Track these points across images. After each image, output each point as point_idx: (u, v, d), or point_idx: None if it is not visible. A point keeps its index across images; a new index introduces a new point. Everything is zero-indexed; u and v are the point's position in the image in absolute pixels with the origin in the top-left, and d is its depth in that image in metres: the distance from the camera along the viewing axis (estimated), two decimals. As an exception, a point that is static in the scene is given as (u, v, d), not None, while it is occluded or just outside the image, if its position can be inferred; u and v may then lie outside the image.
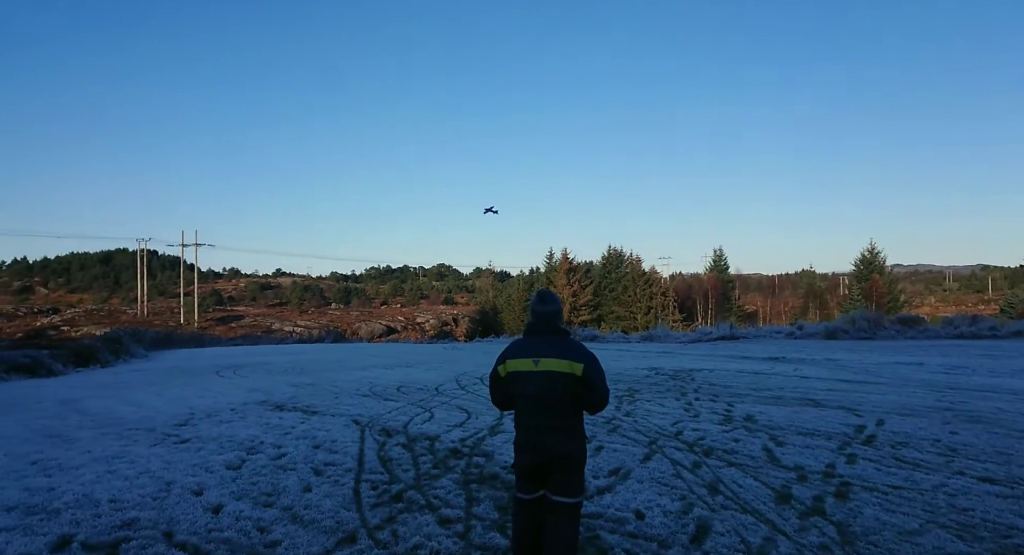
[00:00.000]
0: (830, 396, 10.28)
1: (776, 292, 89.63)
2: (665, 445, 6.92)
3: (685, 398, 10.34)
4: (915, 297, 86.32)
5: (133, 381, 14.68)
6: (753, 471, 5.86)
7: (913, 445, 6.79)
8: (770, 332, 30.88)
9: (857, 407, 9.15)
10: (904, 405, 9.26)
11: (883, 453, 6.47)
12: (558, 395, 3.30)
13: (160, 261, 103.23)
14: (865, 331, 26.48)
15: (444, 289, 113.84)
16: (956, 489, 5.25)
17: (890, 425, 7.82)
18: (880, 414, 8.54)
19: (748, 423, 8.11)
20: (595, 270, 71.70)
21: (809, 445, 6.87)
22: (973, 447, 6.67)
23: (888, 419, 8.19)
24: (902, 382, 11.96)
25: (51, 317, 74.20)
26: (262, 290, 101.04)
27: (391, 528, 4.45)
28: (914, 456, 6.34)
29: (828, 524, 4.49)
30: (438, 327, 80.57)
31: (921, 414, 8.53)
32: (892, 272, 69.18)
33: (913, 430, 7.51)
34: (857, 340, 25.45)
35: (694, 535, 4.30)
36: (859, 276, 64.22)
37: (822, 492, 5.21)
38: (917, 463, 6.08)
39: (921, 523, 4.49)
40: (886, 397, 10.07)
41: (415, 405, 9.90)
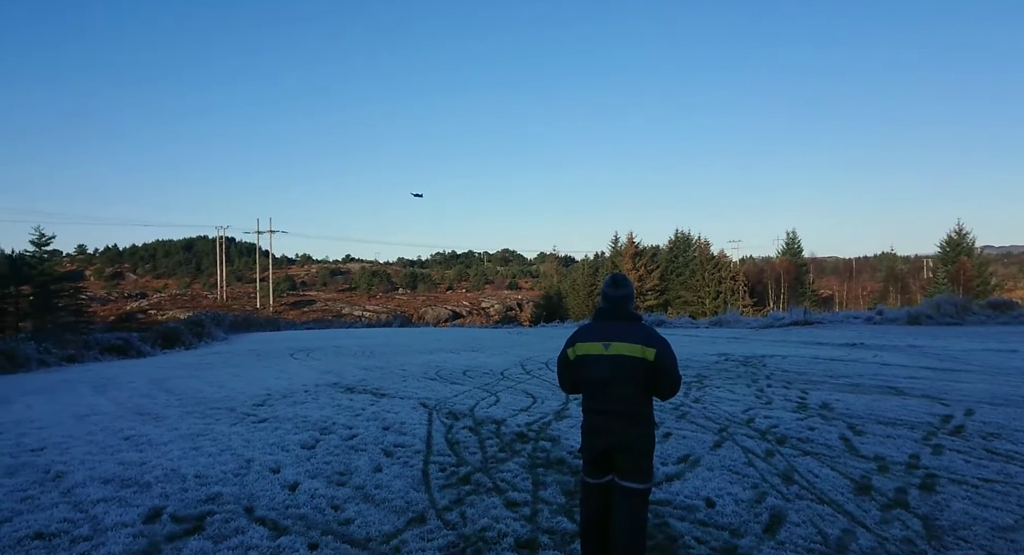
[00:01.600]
0: (913, 384, 9.79)
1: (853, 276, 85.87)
2: (736, 432, 6.74)
3: (756, 385, 10.05)
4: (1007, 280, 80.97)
5: (214, 362, 15.40)
6: (830, 461, 5.64)
7: (1006, 436, 6.39)
8: (847, 317, 29.67)
9: (943, 396, 8.68)
10: (996, 394, 8.72)
11: (972, 444, 6.12)
12: (628, 380, 3.24)
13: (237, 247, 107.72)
14: (951, 316, 25.11)
15: (508, 274, 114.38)
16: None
17: (980, 415, 7.38)
18: (969, 403, 8.08)
19: (824, 411, 7.82)
20: (662, 254, 70.40)
21: (890, 435, 6.56)
22: (1075, 440, 6.22)
23: (978, 409, 7.74)
24: (994, 370, 11.27)
25: (139, 301, 78.68)
26: (332, 275, 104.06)
27: (459, 510, 4.51)
28: (1007, 448, 5.96)
29: (912, 517, 4.28)
30: (502, 312, 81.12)
31: (1015, 404, 8.02)
32: (982, 254, 65.08)
33: (1006, 420, 7.07)
34: (943, 326, 24.15)
35: (767, 525, 4.18)
36: (945, 259, 60.66)
37: (905, 484, 4.97)
38: (1011, 455, 5.72)
39: (1016, 519, 4.22)
40: (975, 386, 9.51)
41: (481, 389, 9.99)
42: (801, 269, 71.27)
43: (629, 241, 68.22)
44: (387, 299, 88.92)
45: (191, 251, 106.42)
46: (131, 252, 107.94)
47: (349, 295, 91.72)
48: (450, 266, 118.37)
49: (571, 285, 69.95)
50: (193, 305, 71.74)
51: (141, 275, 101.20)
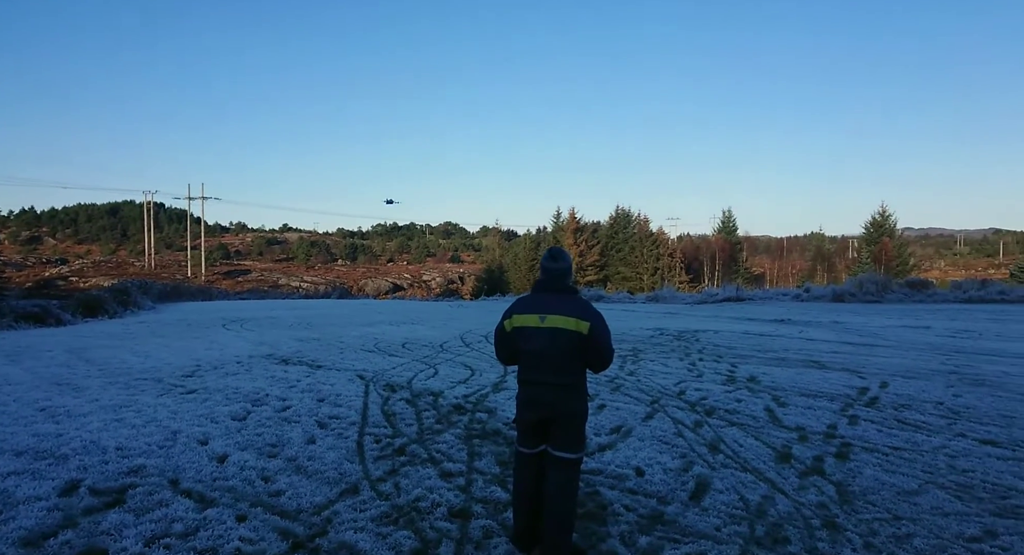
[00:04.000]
0: (834, 358, 10.27)
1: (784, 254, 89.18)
2: (667, 404, 6.94)
3: (689, 358, 10.35)
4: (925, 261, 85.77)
5: (140, 332, 14.81)
6: (754, 431, 5.88)
7: (916, 407, 6.80)
8: (777, 294, 30.83)
9: (861, 369, 9.15)
10: (908, 368, 9.25)
11: (885, 415, 6.48)
12: (563, 352, 3.27)
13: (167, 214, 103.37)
14: (872, 294, 26.39)
15: (451, 247, 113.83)
16: (957, 451, 5.26)
17: (893, 387, 7.82)
18: (884, 377, 8.54)
19: (751, 384, 8.12)
20: (602, 230, 71.31)
21: (811, 406, 6.88)
22: (976, 410, 6.67)
23: (892, 382, 8.19)
24: (907, 345, 11.93)
25: (59, 267, 74.69)
26: (268, 245, 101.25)
27: (393, 480, 4.49)
28: (916, 418, 6.34)
29: (827, 483, 4.51)
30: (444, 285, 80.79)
31: (925, 377, 8.52)
32: (902, 235, 68.56)
33: (916, 393, 7.51)
34: (864, 303, 25.37)
35: (693, 492, 4.33)
36: (869, 239, 63.68)
37: (823, 452, 5.23)
38: (919, 425, 6.09)
39: (920, 484, 4.50)
40: (890, 360, 10.06)
41: (420, 361, 9.95)
42: (735, 247, 73.47)
43: (571, 216, 68.75)
44: (326, 270, 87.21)
45: (116, 216, 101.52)
46: (50, 215, 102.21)
47: (286, 265, 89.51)
48: (392, 238, 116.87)
49: (513, 259, 70.17)
50: (118, 273, 68.65)
51: (61, 240, 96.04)
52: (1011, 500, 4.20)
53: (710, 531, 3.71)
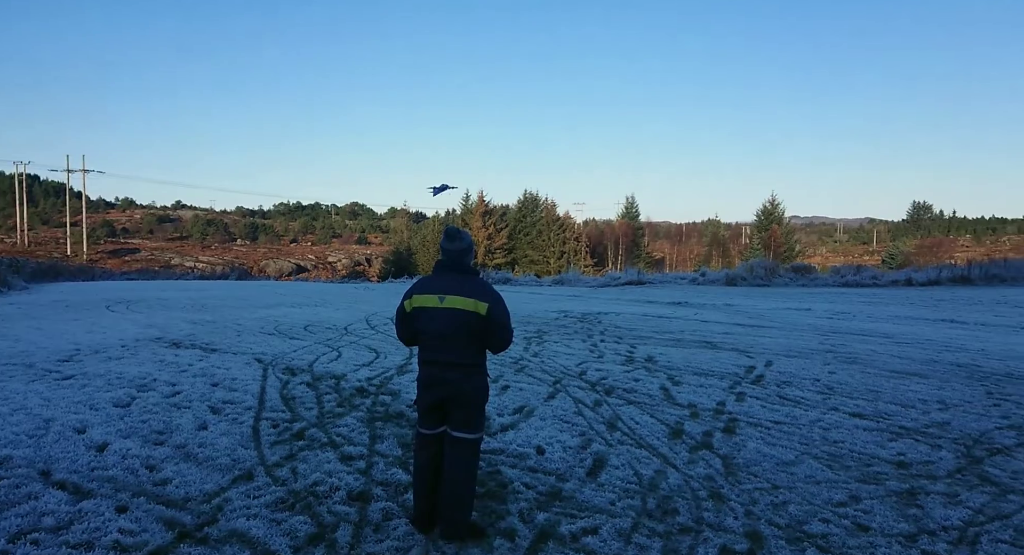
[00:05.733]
0: (726, 339, 10.84)
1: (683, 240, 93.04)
2: (569, 384, 7.10)
3: (591, 340, 10.63)
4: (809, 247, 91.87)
5: (10, 314, 13.62)
6: (650, 409, 6.12)
7: (796, 384, 7.28)
8: (675, 278, 32.14)
9: (749, 349, 9.70)
10: (791, 347, 9.89)
11: (769, 391, 6.91)
12: (462, 333, 3.27)
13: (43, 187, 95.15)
14: (762, 278, 28.00)
15: (357, 228, 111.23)
16: (830, 423, 5.68)
17: (777, 366, 8.34)
18: (769, 356, 9.10)
19: (648, 364, 8.44)
20: (511, 214, 71.80)
21: (703, 384, 7.24)
22: (848, 385, 7.23)
23: (776, 360, 8.73)
24: (791, 326, 12.76)
25: (-85, 245, 67.37)
26: (160, 223, 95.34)
27: (290, 465, 4.37)
28: (796, 394, 6.80)
29: (715, 457, 4.77)
30: (350, 267, 79.03)
31: (805, 356, 9.15)
32: (789, 223, 73.04)
33: (797, 370, 8.05)
34: (754, 287, 26.89)
35: (591, 469, 4.47)
36: (760, 226, 67.49)
37: (712, 428, 5.52)
38: (798, 400, 6.53)
39: (797, 454, 4.84)
40: (776, 340, 10.72)
41: (322, 344, 9.71)
42: (638, 232, 75.94)
43: (480, 199, 68.75)
44: (224, 250, 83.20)
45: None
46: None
47: (180, 244, 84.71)
48: (295, 218, 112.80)
49: (421, 241, 69.46)
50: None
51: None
52: (874, 467, 4.59)
53: (605, 506, 3.84)
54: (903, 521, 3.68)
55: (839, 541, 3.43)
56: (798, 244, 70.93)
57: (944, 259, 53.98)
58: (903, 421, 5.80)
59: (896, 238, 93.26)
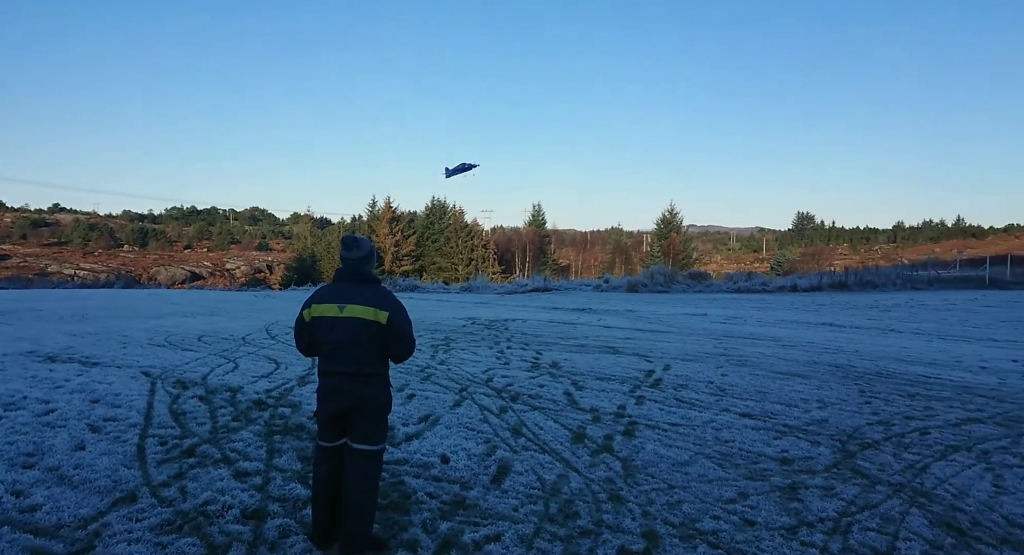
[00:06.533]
0: (627, 344, 11.19)
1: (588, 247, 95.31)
2: (475, 391, 7.12)
3: (498, 346, 10.70)
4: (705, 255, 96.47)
5: None
6: (554, 414, 6.22)
7: (691, 387, 7.62)
8: (580, 285, 32.92)
9: (649, 354, 10.06)
10: (687, 351, 10.34)
11: (666, 394, 7.19)
12: (362, 342, 3.22)
13: None
14: (662, 285, 29.14)
15: (258, 234, 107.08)
16: (721, 424, 5.98)
17: (675, 369, 8.70)
18: (667, 360, 9.47)
19: (553, 369, 8.59)
20: (418, 220, 71.29)
21: (605, 389, 7.44)
22: (738, 387, 7.63)
23: (673, 364, 9.10)
24: (688, 331, 13.34)
25: None
26: (35, 227, 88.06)
27: (179, 485, 4.13)
28: (691, 396, 7.11)
29: (615, 459, 4.91)
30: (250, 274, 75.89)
31: (700, 359, 9.59)
32: (687, 232, 76.49)
33: (693, 373, 8.42)
34: (655, 293, 27.95)
35: (495, 475, 4.49)
36: (660, 234, 70.32)
37: (612, 431, 5.68)
38: (693, 402, 6.83)
39: (691, 455, 5.06)
40: (674, 345, 11.18)
41: (218, 355, 9.26)
42: (544, 240, 77.20)
43: (387, 206, 67.88)
44: (108, 257, 77.83)
45: None
46: None
47: (58, 250, 78.56)
48: (189, 222, 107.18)
49: (326, 248, 67.69)
50: None
51: None
52: (760, 465, 4.87)
53: (508, 512, 3.87)
54: (785, 515, 3.92)
55: (728, 537, 3.61)
56: (695, 252, 74.39)
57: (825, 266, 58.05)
58: (787, 420, 6.18)
59: (783, 246, 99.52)
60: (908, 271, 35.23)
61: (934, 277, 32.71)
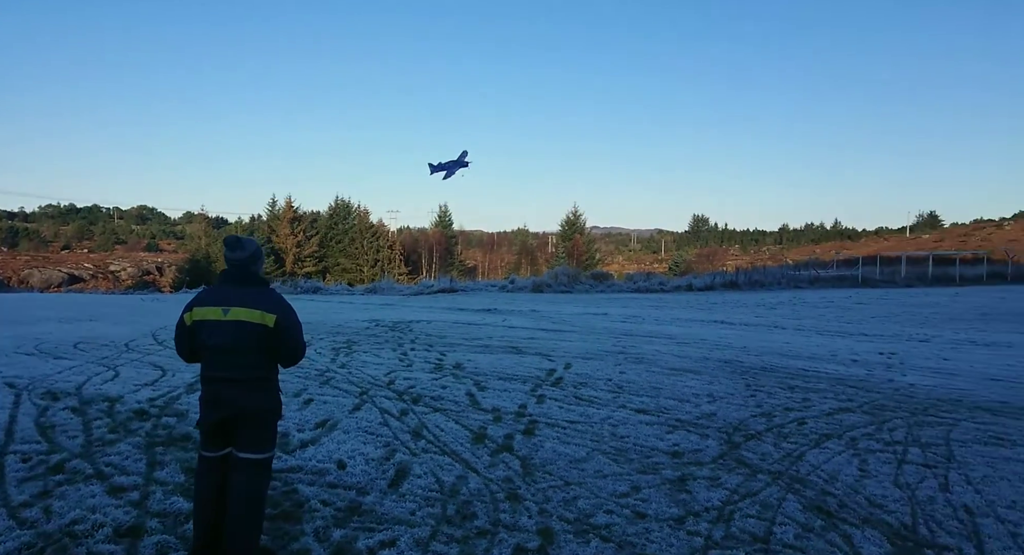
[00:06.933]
0: (530, 343, 11.33)
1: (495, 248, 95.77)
2: (376, 395, 6.99)
3: (401, 348, 10.56)
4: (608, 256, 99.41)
5: None
6: (456, 415, 6.20)
7: (591, 385, 7.80)
8: (486, 286, 33.08)
9: (551, 353, 10.22)
10: (588, 350, 10.59)
11: (566, 393, 7.33)
12: (248, 346, 3.07)
13: None
14: (565, 285, 29.72)
15: (147, 234, 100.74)
16: (618, 420, 6.16)
17: (575, 368, 8.88)
18: (568, 358, 9.65)
19: (457, 370, 8.56)
20: (322, 221, 69.42)
21: (507, 389, 7.49)
22: (635, 384, 7.88)
23: (574, 363, 9.29)
24: (589, 330, 13.67)
25: None
26: None
27: (43, 504, 3.81)
28: (590, 394, 7.28)
29: (514, 458, 4.95)
30: (138, 276, 71.20)
31: (600, 357, 9.84)
32: (590, 233, 78.57)
33: (592, 371, 8.62)
34: (559, 293, 28.45)
35: (393, 479, 4.42)
36: (564, 235, 71.81)
37: (513, 430, 5.72)
38: (592, 400, 7.00)
39: (588, 451, 5.18)
40: (575, 344, 11.42)
41: (96, 363, 8.62)
42: (451, 241, 77.07)
43: (287, 205, 65.72)
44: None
45: None
46: None
47: (-90, 250, 70.70)
48: (67, 221, 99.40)
49: (221, 248, 64.57)
50: None
51: None
52: (653, 458, 5.05)
53: (405, 516, 3.82)
54: (674, 506, 4.08)
55: (620, 530, 3.72)
56: (598, 253, 76.54)
57: (718, 266, 61.09)
58: (679, 414, 6.45)
59: (680, 247, 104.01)
60: (792, 271, 37.67)
61: (814, 276, 35.18)
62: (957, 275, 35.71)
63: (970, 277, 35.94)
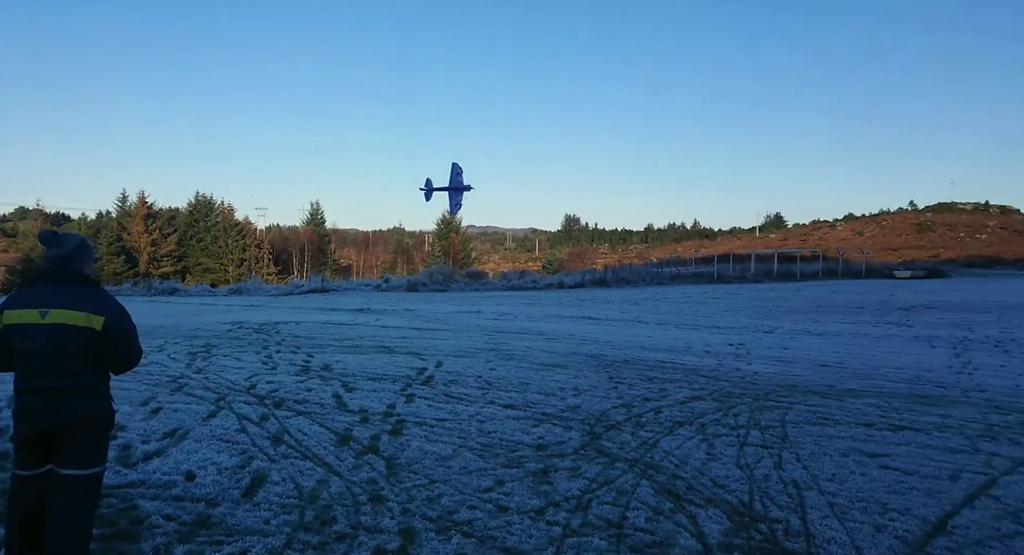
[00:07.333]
0: (402, 343, 11.20)
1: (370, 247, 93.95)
2: (235, 400, 6.63)
3: (266, 351, 10.09)
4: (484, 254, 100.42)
5: None
6: (320, 418, 6.01)
7: (461, 382, 7.82)
8: (360, 285, 32.36)
9: (423, 352, 10.15)
10: (460, 348, 10.62)
11: (436, 391, 7.30)
12: (70, 352, 2.79)
13: None
14: (441, 284, 29.68)
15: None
16: (486, 416, 6.22)
17: (447, 366, 8.87)
18: (440, 357, 9.63)
19: (324, 372, 8.30)
20: (181, 218, 64.95)
21: (376, 389, 7.35)
22: (504, 380, 8.00)
23: (446, 361, 9.28)
24: (463, 328, 13.72)
25: None
26: None
27: None
28: (460, 391, 7.30)
29: (379, 459, 4.86)
30: (-44, 277, 63.12)
31: (472, 355, 9.90)
32: (466, 232, 78.95)
33: (463, 369, 8.66)
34: (434, 292, 28.36)
35: (247, 488, 4.20)
36: (440, 235, 71.73)
37: (380, 431, 5.62)
38: (461, 397, 7.02)
39: (455, 448, 5.19)
40: (448, 342, 11.42)
41: None
42: (324, 239, 74.74)
43: (140, 201, 60.95)
44: None
45: None
46: None
47: None
48: None
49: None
50: None
51: None
52: (518, 452, 5.14)
53: (258, 526, 3.64)
54: (536, 497, 4.18)
55: (482, 524, 3.75)
56: (474, 251, 77.13)
57: (588, 265, 63.34)
58: (545, 408, 6.61)
59: (553, 246, 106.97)
60: (656, 269, 39.85)
61: (675, 273, 37.45)
62: (798, 271, 39.39)
63: (808, 273, 39.80)
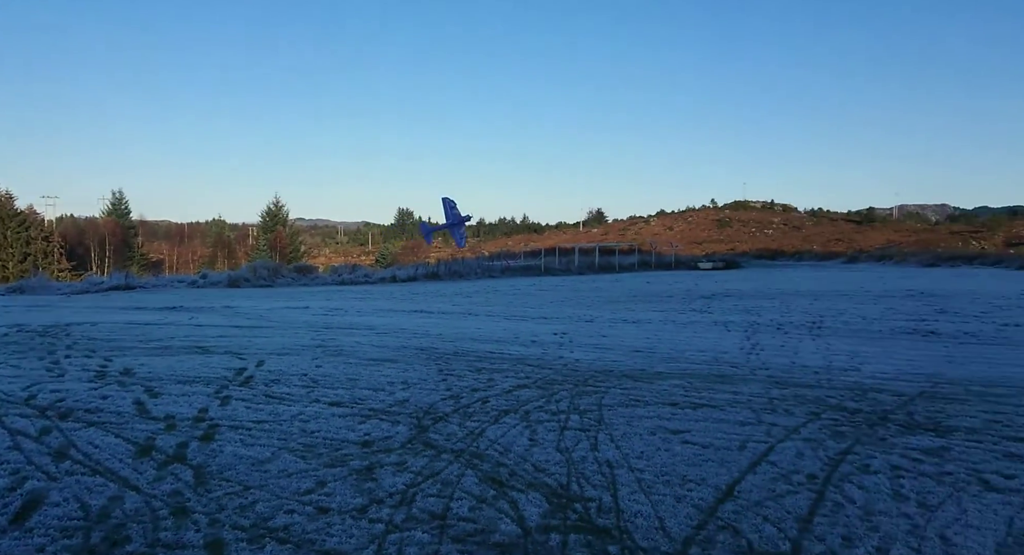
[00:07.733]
0: (220, 342, 10.42)
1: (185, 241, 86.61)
2: (8, 413, 5.76)
3: (53, 356, 8.91)
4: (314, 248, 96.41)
5: None
6: (116, 428, 5.40)
7: (284, 381, 7.43)
8: (173, 281, 29.71)
9: (243, 351, 9.52)
10: (284, 346, 10.10)
11: (256, 392, 6.86)
12: None
13: None
14: (265, 279, 28.10)
15: None
16: (310, 415, 5.95)
17: (268, 365, 8.38)
18: (262, 356, 9.08)
19: (124, 377, 7.49)
20: (-56, 203, 55.56)
21: (186, 393, 6.76)
22: (331, 377, 7.71)
23: (268, 360, 8.77)
24: (288, 325, 13.07)
25: None
26: None
27: None
28: (283, 391, 6.93)
29: (186, 469, 4.46)
30: None
31: (297, 352, 9.44)
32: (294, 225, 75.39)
33: (287, 367, 8.23)
34: (258, 287, 26.74)
35: (18, 513, 3.66)
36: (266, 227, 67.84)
37: (188, 438, 5.16)
38: (283, 397, 6.66)
39: (274, 451, 4.90)
40: (271, 340, 10.81)
41: None
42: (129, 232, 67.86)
43: None
44: None
45: None
46: None
47: None
48: None
49: None
50: None
51: None
52: (342, 451, 4.97)
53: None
54: (359, 496, 4.06)
55: (299, 529, 3.57)
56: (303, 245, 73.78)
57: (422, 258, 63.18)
58: (373, 404, 6.46)
59: (387, 240, 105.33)
60: (487, 262, 40.72)
61: (505, 267, 38.46)
62: (617, 264, 42.18)
63: (626, 265, 42.79)
